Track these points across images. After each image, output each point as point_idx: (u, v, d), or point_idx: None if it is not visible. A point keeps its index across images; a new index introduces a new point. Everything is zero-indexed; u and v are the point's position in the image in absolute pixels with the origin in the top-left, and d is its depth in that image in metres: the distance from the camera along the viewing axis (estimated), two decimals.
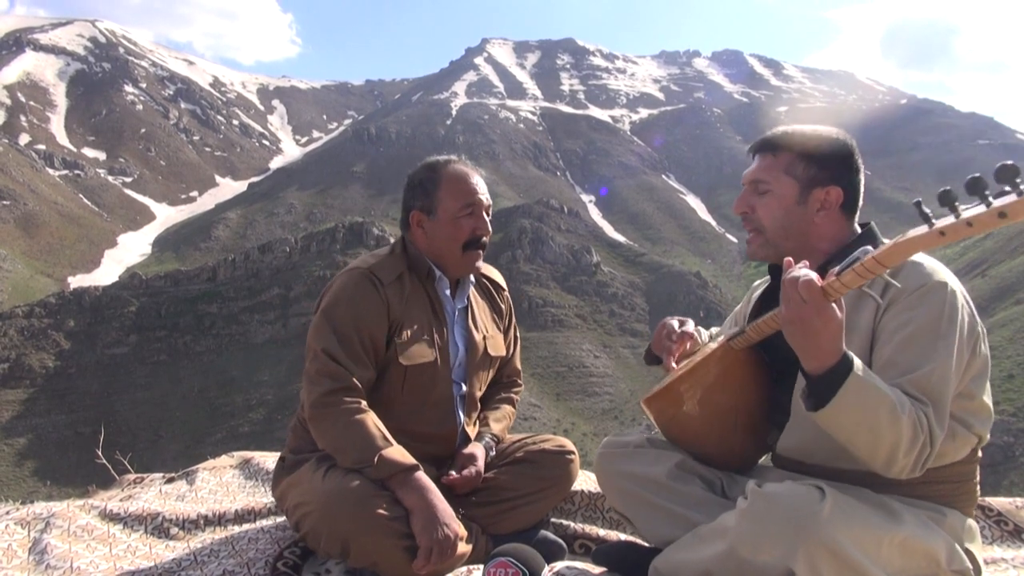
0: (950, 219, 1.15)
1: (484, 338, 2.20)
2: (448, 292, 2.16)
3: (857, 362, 1.42)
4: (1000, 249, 75.79)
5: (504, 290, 2.35)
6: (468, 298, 2.20)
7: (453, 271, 2.14)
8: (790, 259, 1.49)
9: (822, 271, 1.59)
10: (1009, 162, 1.11)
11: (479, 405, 2.25)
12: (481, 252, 2.12)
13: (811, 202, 1.71)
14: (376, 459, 1.84)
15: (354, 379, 1.94)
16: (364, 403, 1.95)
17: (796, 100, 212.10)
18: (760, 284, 2.00)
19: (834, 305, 1.38)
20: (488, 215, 2.14)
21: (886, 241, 1.71)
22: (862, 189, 1.75)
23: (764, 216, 1.74)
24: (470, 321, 2.18)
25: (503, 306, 2.33)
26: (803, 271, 1.42)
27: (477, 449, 2.12)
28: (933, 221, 1.18)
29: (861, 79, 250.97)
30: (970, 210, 1.14)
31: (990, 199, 1.11)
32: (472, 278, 2.22)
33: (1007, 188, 1.10)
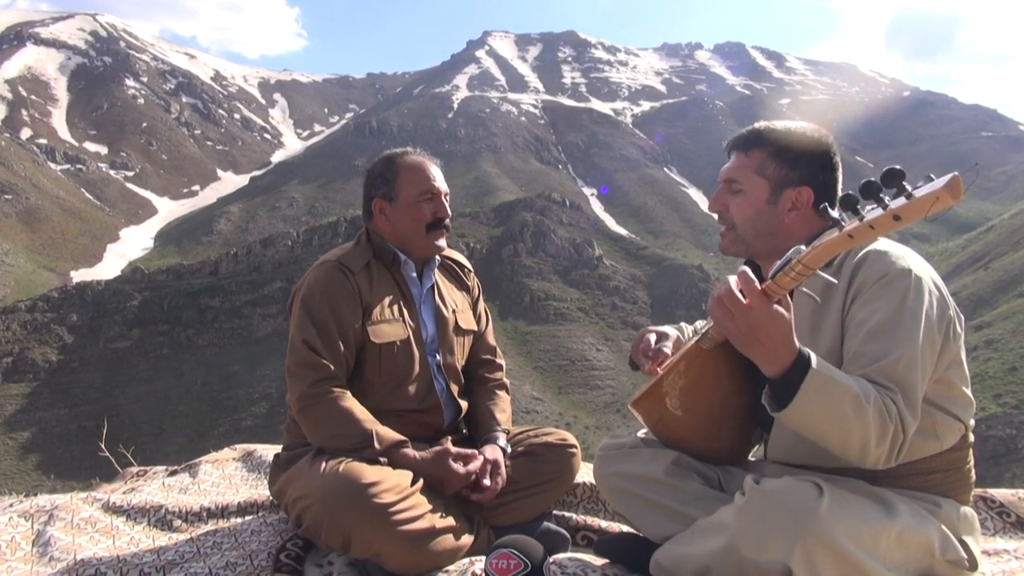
0: (855, 223, 1.20)
1: (454, 312, 2.28)
2: (414, 275, 2.22)
3: (814, 357, 1.39)
4: (1003, 242, 75.53)
5: (470, 271, 2.43)
6: (434, 278, 2.27)
7: (419, 252, 2.22)
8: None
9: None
10: (897, 167, 1.15)
11: (461, 376, 2.30)
12: (444, 232, 2.22)
13: (782, 202, 1.70)
14: (375, 436, 1.95)
15: (334, 368, 2.01)
16: (347, 391, 2.03)
17: (799, 92, 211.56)
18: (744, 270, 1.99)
19: (778, 306, 1.37)
20: (447, 201, 2.23)
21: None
22: (839, 187, 1.73)
23: (736, 215, 1.75)
24: (437, 299, 2.25)
25: (469, 283, 2.42)
26: (735, 278, 1.41)
27: (499, 455, 2.11)
28: (843, 224, 1.22)
29: (864, 71, 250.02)
30: (872, 213, 1.18)
31: (886, 202, 1.16)
32: (437, 259, 2.29)
33: (896, 192, 1.16)
